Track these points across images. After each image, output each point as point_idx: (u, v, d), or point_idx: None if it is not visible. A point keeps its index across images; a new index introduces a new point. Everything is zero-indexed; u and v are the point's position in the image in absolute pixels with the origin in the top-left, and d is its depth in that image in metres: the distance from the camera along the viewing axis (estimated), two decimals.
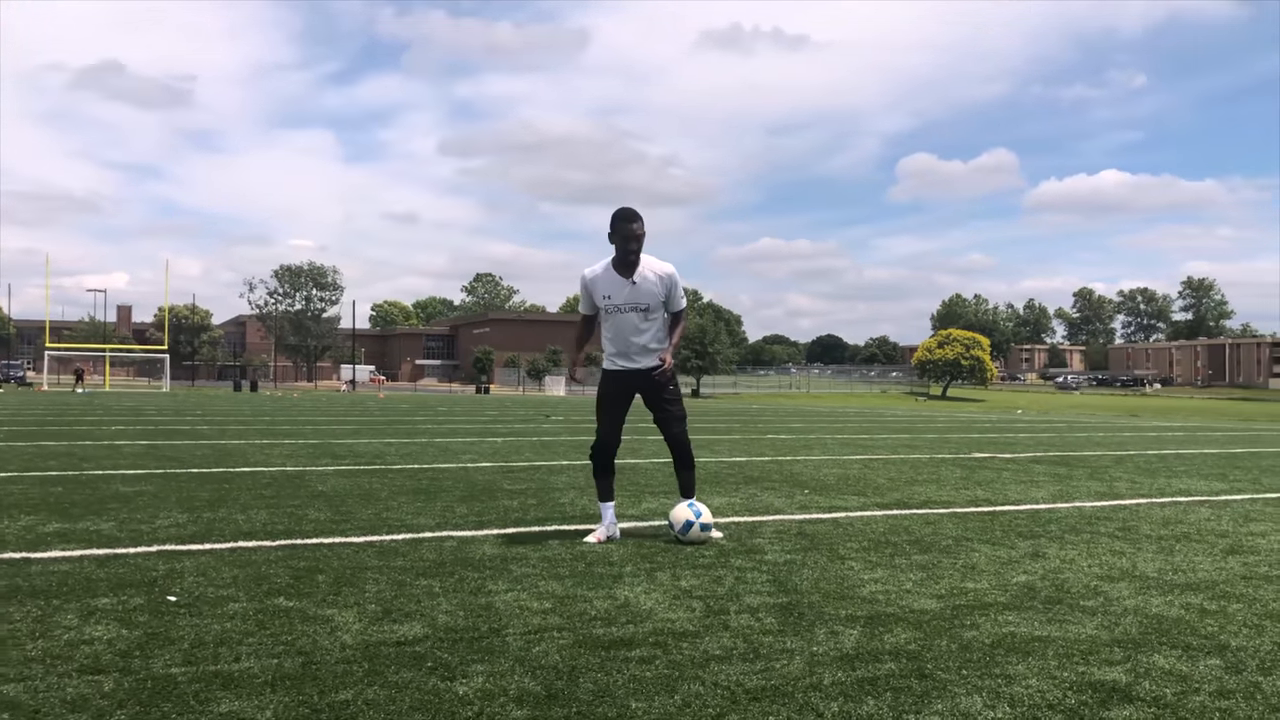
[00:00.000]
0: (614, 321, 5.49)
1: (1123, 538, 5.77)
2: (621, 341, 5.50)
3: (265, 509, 6.43)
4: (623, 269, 5.43)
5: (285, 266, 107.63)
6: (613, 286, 5.44)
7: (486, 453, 11.82)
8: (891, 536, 5.67)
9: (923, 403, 68.93)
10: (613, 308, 5.45)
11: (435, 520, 6.04)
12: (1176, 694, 2.83)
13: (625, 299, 5.43)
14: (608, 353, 5.59)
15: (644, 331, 5.49)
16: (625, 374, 5.54)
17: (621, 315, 5.45)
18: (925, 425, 23.65)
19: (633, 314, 5.45)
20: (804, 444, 14.74)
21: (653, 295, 5.46)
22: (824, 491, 8.03)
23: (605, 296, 5.46)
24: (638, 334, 5.48)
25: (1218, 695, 2.82)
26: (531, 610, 3.72)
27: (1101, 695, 2.80)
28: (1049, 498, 7.85)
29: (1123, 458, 12.69)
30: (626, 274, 5.43)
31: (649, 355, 5.53)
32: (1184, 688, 2.89)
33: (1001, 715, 2.62)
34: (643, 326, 5.49)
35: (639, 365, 5.52)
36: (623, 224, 5.37)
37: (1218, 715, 2.66)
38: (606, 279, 5.47)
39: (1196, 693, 2.84)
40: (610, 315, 5.48)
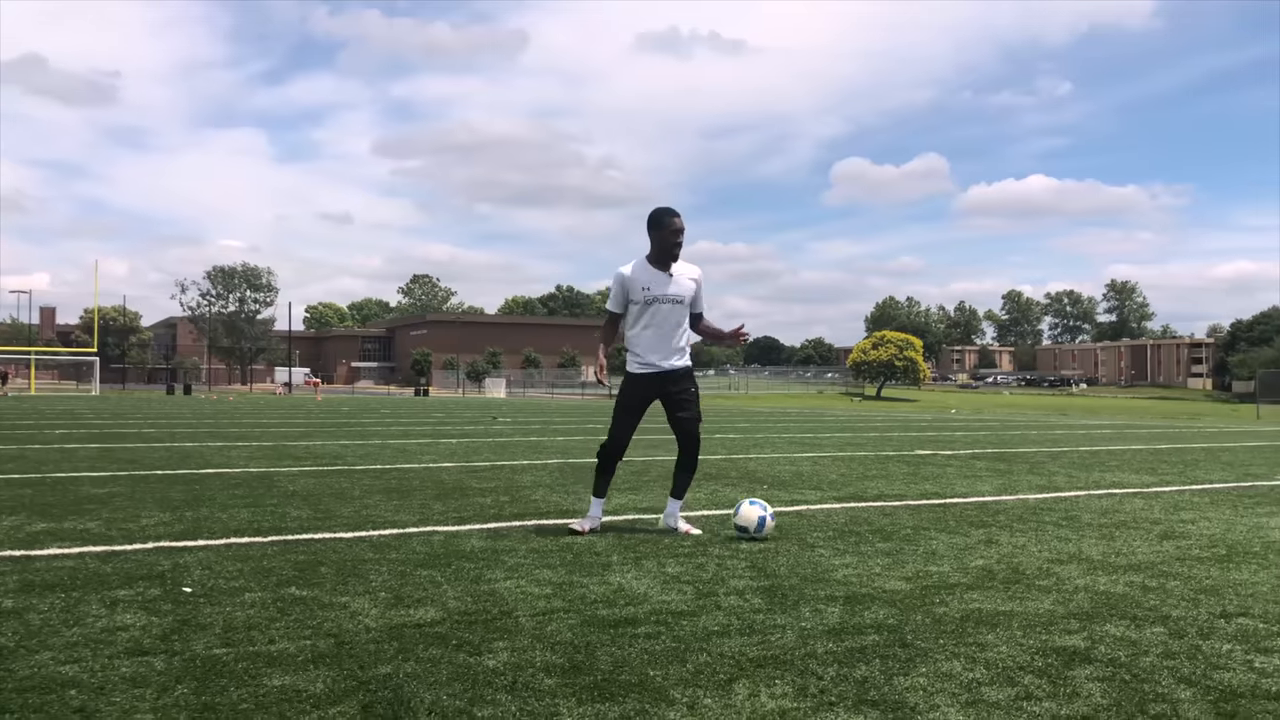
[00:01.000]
0: (653, 314, 5.56)
1: (1067, 526, 6.18)
2: (658, 336, 5.58)
3: (245, 508, 6.56)
4: (662, 263, 5.58)
5: (218, 267, 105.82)
6: (653, 279, 5.56)
7: (445, 453, 11.98)
8: (854, 527, 6.01)
9: (859, 403, 70.11)
10: (653, 298, 5.54)
11: (416, 517, 6.24)
12: (1129, 655, 3.18)
13: (666, 291, 5.56)
14: (639, 354, 5.63)
15: (680, 326, 5.63)
16: (653, 377, 5.61)
17: (662, 306, 5.55)
18: (865, 424, 24.25)
19: (670, 305, 5.57)
20: (754, 443, 15.13)
21: (689, 290, 5.64)
22: (782, 487, 8.37)
23: (645, 288, 5.54)
24: (676, 327, 5.61)
25: (1164, 656, 3.18)
26: (534, 595, 3.97)
27: (1064, 658, 3.14)
28: (994, 490, 8.28)
29: (1058, 454, 13.27)
30: (665, 268, 5.58)
31: (681, 355, 5.67)
32: (1135, 650, 3.24)
33: (980, 675, 2.94)
34: (680, 320, 5.63)
35: (672, 365, 5.62)
36: (668, 218, 5.54)
37: (1166, 672, 3.01)
38: (645, 272, 5.58)
39: (1146, 654, 3.20)
40: (650, 307, 5.55)
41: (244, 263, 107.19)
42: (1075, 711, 2.64)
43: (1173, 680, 2.92)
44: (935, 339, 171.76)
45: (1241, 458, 13.03)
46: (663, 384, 5.64)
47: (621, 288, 5.63)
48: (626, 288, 5.61)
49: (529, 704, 2.65)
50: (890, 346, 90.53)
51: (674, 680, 2.86)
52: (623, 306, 5.68)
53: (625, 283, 5.61)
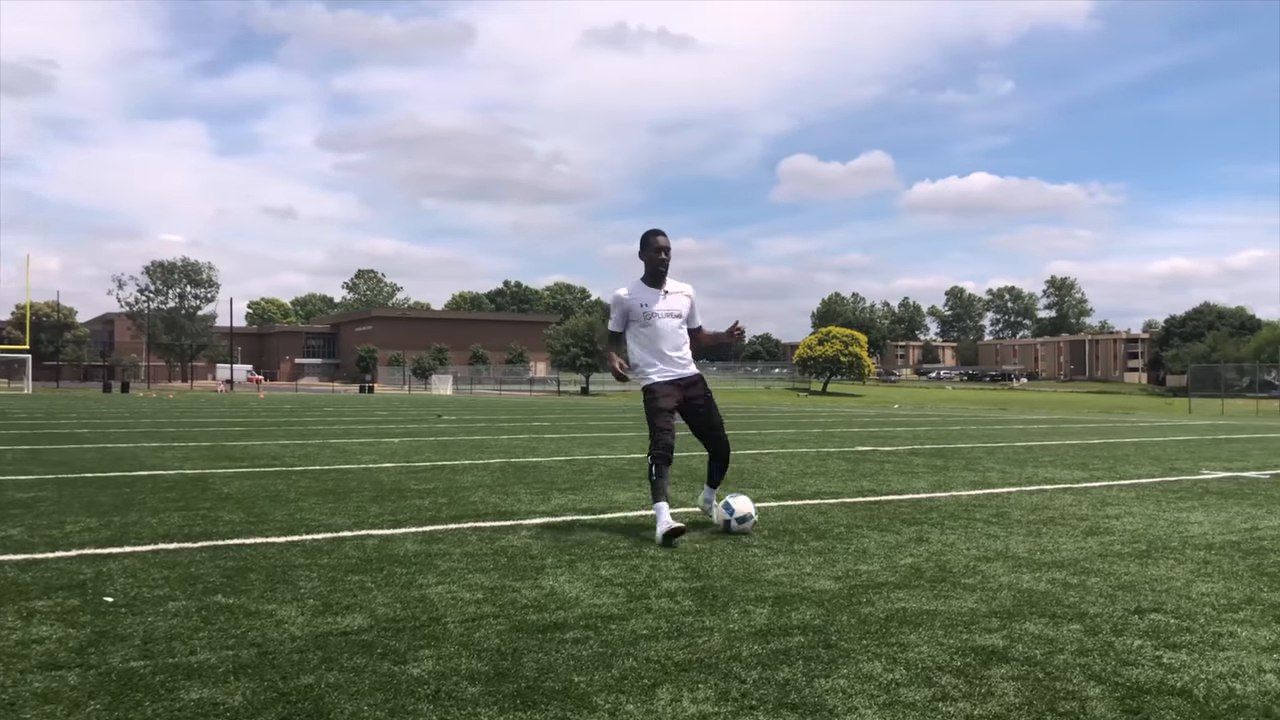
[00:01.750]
0: (653, 329, 5.85)
1: (996, 523, 6.30)
2: (659, 349, 5.85)
3: (176, 512, 6.46)
4: (654, 280, 5.90)
5: (157, 263, 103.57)
6: (649, 297, 5.88)
7: (385, 453, 11.88)
8: (789, 525, 6.08)
9: (804, 398, 70.73)
10: (651, 314, 5.84)
11: (351, 520, 6.18)
12: (1045, 653, 3.26)
13: (662, 307, 5.87)
14: (648, 364, 5.88)
15: (680, 338, 5.94)
16: (675, 383, 5.86)
17: (660, 321, 5.85)
18: (809, 420, 24.50)
19: (667, 319, 5.87)
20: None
21: (684, 305, 5.97)
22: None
23: (643, 306, 5.84)
24: (677, 339, 5.91)
25: (1078, 653, 3.26)
26: (465, 600, 3.96)
27: (983, 657, 3.21)
28: (929, 487, 8.41)
29: (993, 449, 13.53)
30: (658, 285, 5.90)
31: (687, 362, 5.95)
32: (1051, 648, 3.32)
33: (898, 676, 3.00)
34: (681, 333, 5.95)
35: (686, 372, 5.92)
36: (652, 237, 5.87)
37: (1078, 669, 3.09)
38: (641, 291, 5.90)
39: (1061, 652, 3.28)
40: (649, 324, 5.84)
41: (184, 258, 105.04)
42: (988, 711, 2.70)
43: (1084, 678, 3.00)
44: (880, 335, 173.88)
45: (1169, 452, 13.38)
46: (684, 390, 5.89)
47: (622, 308, 5.92)
48: (626, 308, 5.90)
49: (450, 713, 2.65)
50: (836, 342, 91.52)
51: (598, 686, 2.88)
52: (624, 326, 5.97)
53: (624, 304, 5.91)
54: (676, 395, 5.84)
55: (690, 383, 5.92)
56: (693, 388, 5.93)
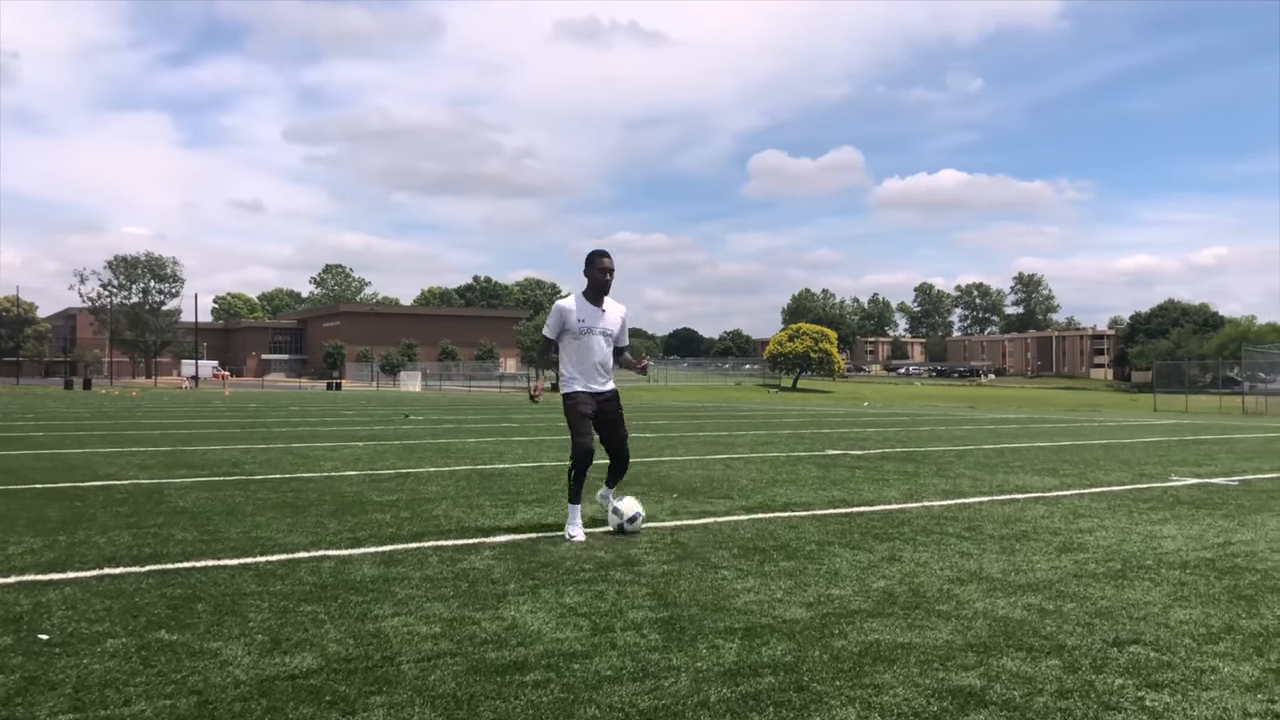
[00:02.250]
0: (583, 343, 6.26)
1: (969, 538, 6.21)
2: (587, 362, 6.27)
3: (126, 530, 6.23)
4: (595, 298, 6.31)
5: (120, 257, 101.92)
6: (586, 312, 6.30)
7: (349, 459, 11.65)
8: (759, 542, 5.95)
9: (775, 395, 70.87)
10: (584, 330, 6.24)
11: (308, 538, 5.98)
12: (1024, 695, 3.14)
13: (597, 324, 6.29)
14: (573, 376, 6.30)
15: (607, 355, 6.38)
16: (589, 395, 6.27)
17: (591, 337, 6.27)
18: (780, 420, 24.44)
19: (600, 337, 6.29)
20: (667, 443, 15.06)
21: (616, 324, 6.42)
22: (692, 495, 8.29)
23: (580, 320, 6.26)
24: (603, 356, 6.33)
25: (1058, 695, 3.15)
26: (421, 635, 3.79)
27: (960, 700, 3.09)
28: (900, 497, 8.32)
29: (964, 453, 13.49)
30: (598, 303, 6.32)
31: (607, 378, 6.37)
32: (1030, 689, 3.20)
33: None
34: (607, 350, 6.37)
35: (603, 387, 6.34)
36: (598, 258, 6.29)
37: (1059, 715, 2.97)
38: (581, 306, 6.31)
39: (1040, 694, 3.16)
40: (581, 338, 6.25)
41: (147, 252, 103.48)
42: None
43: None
44: (850, 331, 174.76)
45: (1138, 455, 13.40)
46: (599, 402, 6.30)
47: (560, 318, 6.30)
48: (565, 319, 6.28)
49: None
50: (806, 339, 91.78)
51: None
52: (559, 334, 6.33)
53: (563, 314, 6.29)
54: (593, 404, 6.26)
55: (607, 398, 6.34)
56: (608, 402, 6.35)
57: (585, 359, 6.25)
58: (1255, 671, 3.42)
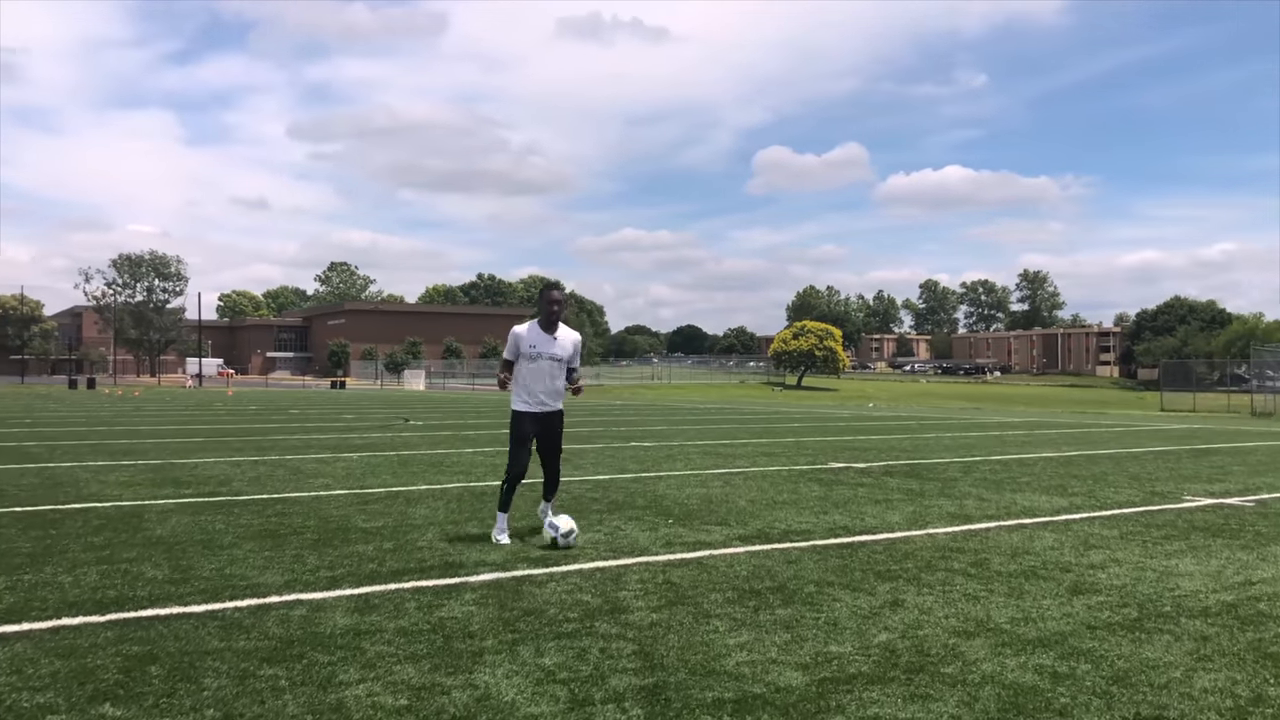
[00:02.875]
0: (534, 368, 6.91)
1: (975, 575, 5.92)
2: (537, 386, 6.92)
3: (96, 565, 5.97)
4: (547, 327, 6.94)
5: (125, 255, 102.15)
6: (538, 340, 6.95)
7: (340, 475, 11.39)
8: (755, 583, 5.67)
9: (779, 393, 70.62)
10: (535, 354, 6.90)
11: (284, 577, 5.72)
12: None
13: (546, 350, 6.92)
14: (522, 397, 6.96)
15: (555, 379, 6.98)
16: (535, 416, 6.97)
17: (541, 362, 6.91)
18: (783, 424, 24.14)
19: (549, 363, 6.92)
20: (667, 454, 14.78)
21: (566, 352, 7.03)
22: (688, 520, 8.02)
23: (531, 346, 6.90)
24: (551, 380, 6.95)
25: None
26: (386, 709, 3.52)
27: None
28: (904, 522, 8.04)
29: (970, 466, 13.19)
30: (550, 331, 6.95)
31: (555, 400, 7.02)
32: None
33: None
34: (556, 374, 6.98)
35: (547, 408, 7.00)
36: (546, 292, 7.01)
37: None
38: (533, 334, 6.96)
39: None
40: (533, 362, 6.90)
41: (152, 250, 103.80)
42: None
43: None
44: (854, 328, 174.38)
45: (1149, 469, 13.09)
46: (541, 422, 7.01)
47: (514, 343, 6.99)
48: (518, 344, 6.97)
49: None
50: (811, 336, 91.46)
51: None
52: (514, 357, 7.00)
53: (517, 338, 7.00)
54: (536, 426, 6.96)
55: (551, 418, 7.03)
56: (552, 423, 7.05)
57: (532, 381, 6.90)
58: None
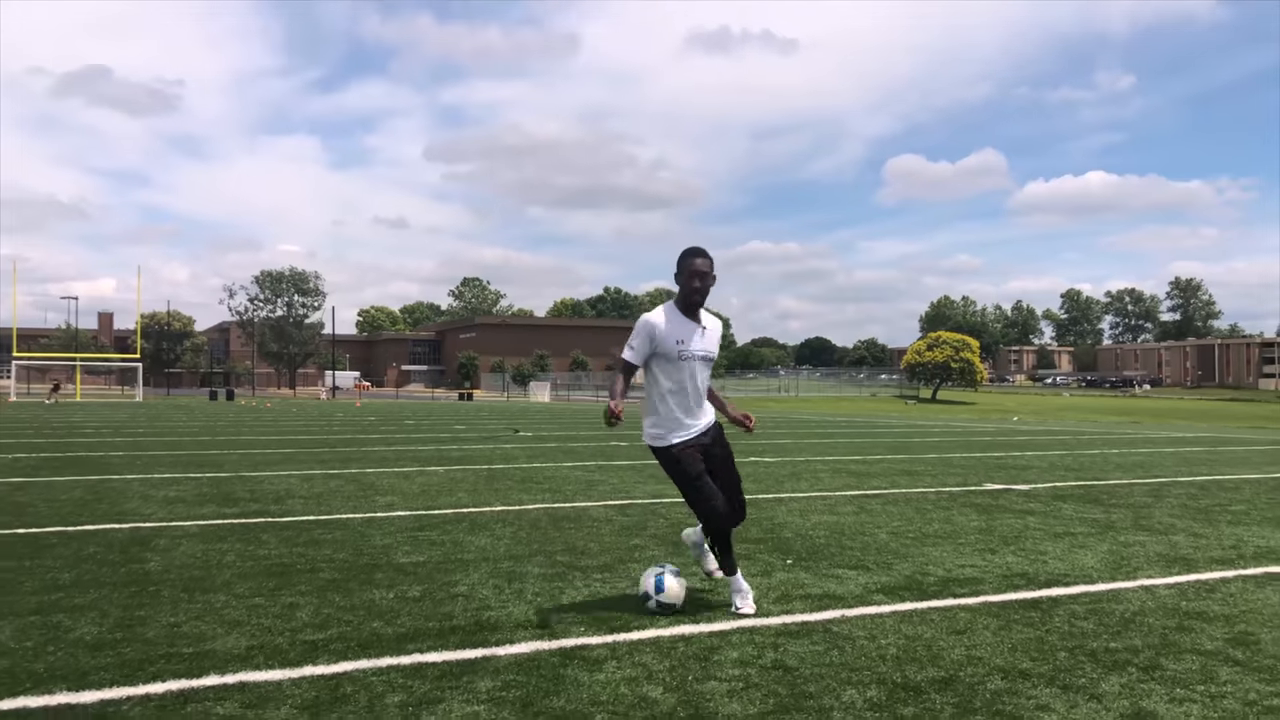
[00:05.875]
0: (682, 372, 4.75)
1: (1244, 663, 3.96)
2: (687, 398, 4.77)
3: (37, 617, 4.58)
4: (690, 311, 4.81)
5: (266, 272, 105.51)
6: (685, 331, 4.76)
7: (412, 493, 9.95)
8: (908, 669, 3.85)
9: (913, 406, 67.36)
10: (688, 354, 4.75)
11: (247, 641, 4.19)
12: None
13: (699, 346, 4.80)
14: (669, 421, 4.76)
15: (704, 386, 4.88)
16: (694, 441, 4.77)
17: (693, 364, 4.78)
18: (921, 439, 21.87)
19: (700, 363, 4.82)
20: (791, 471, 12.89)
21: (716, 345, 4.93)
22: (812, 558, 6.22)
23: (679, 342, 4.72)
24: (701, 387, 4.85)
25: None
26: None
27: None
28: (1102, 568, 6.06)
29: (1158, 489, 10.90)
30: (695, 318, 4.82)
31: (706, 413, 4.88)
32: None
33: None
34: (705, 379, 4.87)
35: (700, 423, 4.83)
36: (686, 260, 4.77)
37: None
38: (677, 323, 4.76)
39: None
40: (683, 364, 4.74)
41: (291, 267, 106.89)
42: None
43: None
44: (992, 339, 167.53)
45: None
46: (703, 449, 4.79)
47: (649, 339, 4.71)
48: (656, 337, 4.71)
49: None
50: (946, 348, 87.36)
51: None
52: (643, 359, 4.76)
53: (654, 331, 4.71)
54: (699, 455, 4.76)
55: (711, 434, 4.84)
56: (713, 439, 4.84)
57: (683, 393, 4.75)
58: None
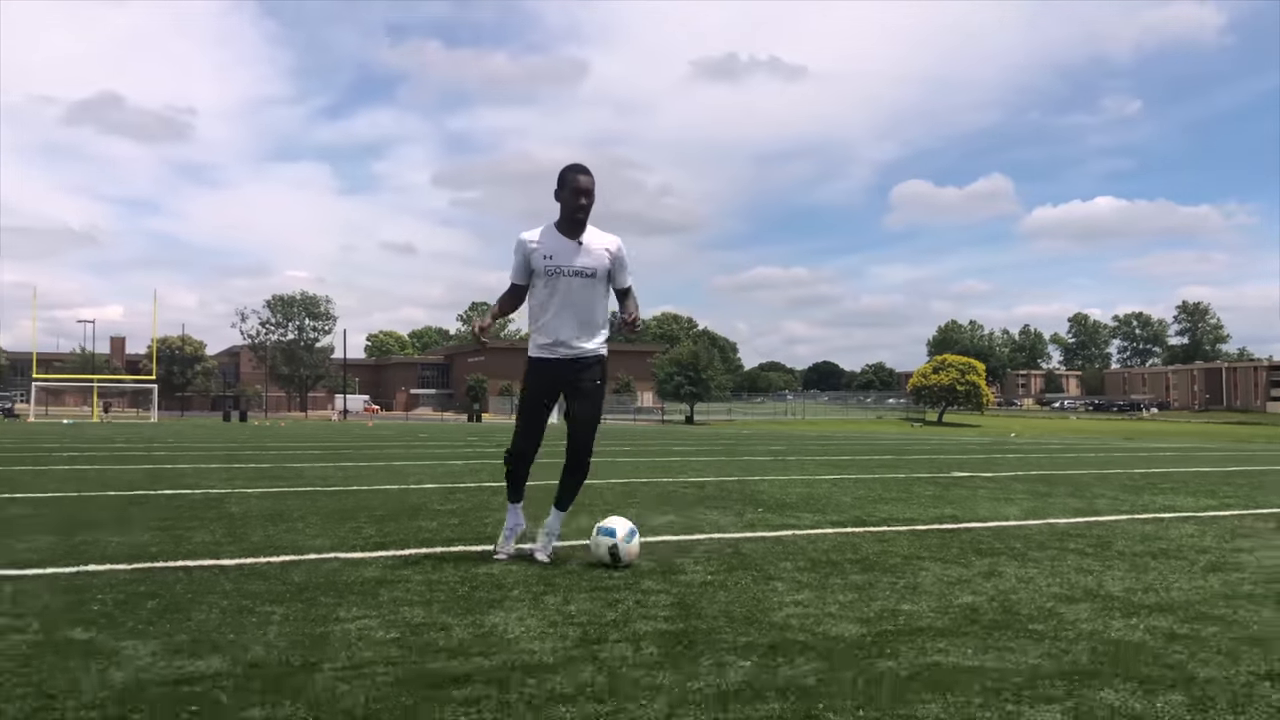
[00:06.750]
0: (556, 288, 4.74)
1: (1093, 554, 5.17)
2: (562, 315, 4.74)
3: (152, 531, 5.83)
4: (570, 229, 4.77)
5: (278, 296, 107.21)
6: (556, 247, 4.74)
7: (439, 474, 11.21)
8: (834, 555, 5.08)
9: (918, 428, 68.30)
10: (554, 269, 4.71)
11: (331, 542, 5.44)
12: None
13: (570, 262, 4.74)
14: (540, 339, 4.82)
15: (589, 305, 4.79)
16: (558, 364, 4.79)
17: (565, 279, 4.73)
18: (915, 447, 23.04)
19: (577, 280, 4.74)
20: (780, 464, 14.12)
21: (600, 262, 4.78)
22: (779, 510, 7.44)
23: (546, 257, 4.72)
24: (582, 306, 4.77)
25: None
26: (371, 640, 3.12)
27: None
28: (1021, 514, 7.26)
29: (1107, 475, 12.09)
30: (573, 235, 4.77)
31: (588, 338, 4.79)
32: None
33: None
34: (592, 298, 4.80)
35: (580, 348, 4.78)
36: (572, 175, 4.75)
37: None
38: (549, 239, 4.76)
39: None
40: (552, 280, 4.73)
41: (302, 291, 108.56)
42: None
43: None
44: (1000, 363, 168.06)
45: None
46: (568, 370, 4.80)
47: (522, 256, 4.78)
48: (527, 253, 4.77)
49: None
50: (951, 371, 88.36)
51: None
52: (525, 278, 4.83)
53: (526, 251, 4.77)
54: (559, 379, 4.83)
55: (584, 364, 4.82)
56: (583, 369, 4.82)
57: (560, 310, 4.76)
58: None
